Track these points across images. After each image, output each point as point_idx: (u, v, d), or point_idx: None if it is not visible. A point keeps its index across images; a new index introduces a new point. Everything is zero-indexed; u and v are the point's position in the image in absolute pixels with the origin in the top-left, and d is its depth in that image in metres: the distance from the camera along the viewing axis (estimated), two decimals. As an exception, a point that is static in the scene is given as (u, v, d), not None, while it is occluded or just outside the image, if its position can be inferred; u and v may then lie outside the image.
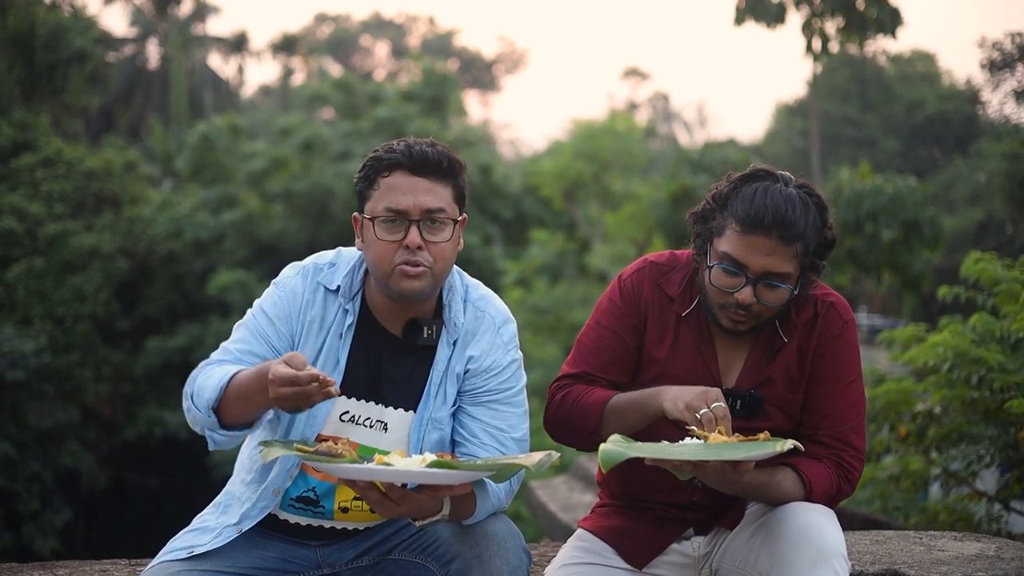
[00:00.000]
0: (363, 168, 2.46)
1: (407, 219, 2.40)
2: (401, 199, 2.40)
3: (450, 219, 2.43)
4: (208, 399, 2.33)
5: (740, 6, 15.21)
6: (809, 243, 2.46)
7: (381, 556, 2.54)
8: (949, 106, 31.94)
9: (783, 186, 2.46)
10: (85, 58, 20.11)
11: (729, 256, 2.46)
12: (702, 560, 2.63)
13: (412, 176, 2.41)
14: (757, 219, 2.42)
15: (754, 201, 2.44)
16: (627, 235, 20.62)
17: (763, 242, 2.43)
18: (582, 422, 2.55)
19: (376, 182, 2.43)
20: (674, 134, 48.05)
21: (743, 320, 2.50)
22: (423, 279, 2.42)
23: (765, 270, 2.44)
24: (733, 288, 2.47)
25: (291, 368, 2.17)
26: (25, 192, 18.22)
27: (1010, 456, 4.82)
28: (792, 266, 2.46)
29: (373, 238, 2.43)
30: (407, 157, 2.41)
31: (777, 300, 2.48)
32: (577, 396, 2.57)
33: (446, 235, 2.43)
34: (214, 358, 2.47)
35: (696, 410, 2.33)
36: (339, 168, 20.44)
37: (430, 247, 2.41)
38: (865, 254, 13.79)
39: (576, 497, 6.80)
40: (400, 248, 2.40)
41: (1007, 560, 3.02)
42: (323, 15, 51.73)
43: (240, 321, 2.53)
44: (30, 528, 16.12)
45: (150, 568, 2.42)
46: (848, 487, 2.52)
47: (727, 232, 2.47)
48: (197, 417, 2.38)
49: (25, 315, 17.38)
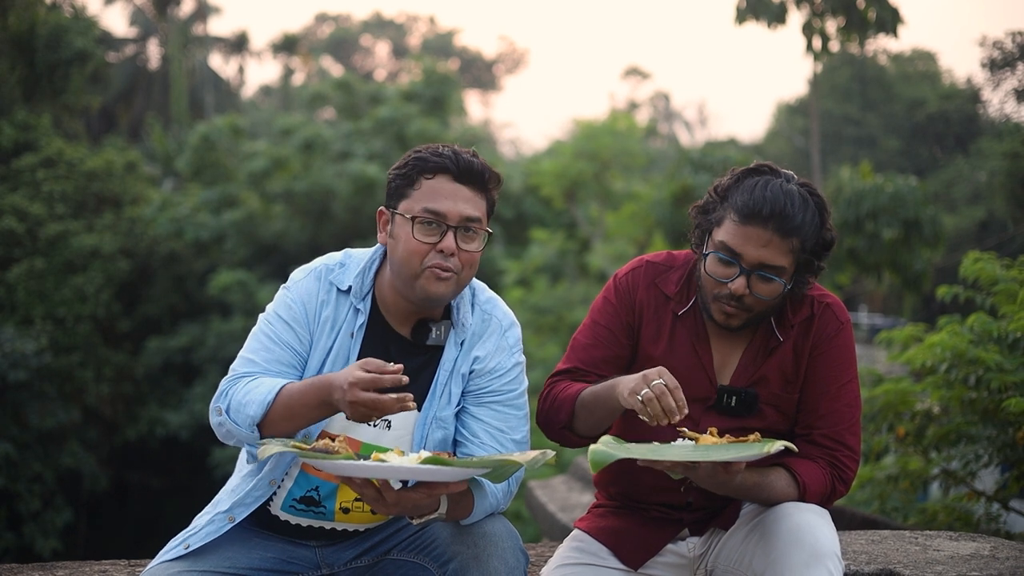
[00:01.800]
0: (405, 165, 2.48)
1: (445, 223, 2.43)
2: (443, 203, 2.43)
3: (483, 230, 2.47)
4: (252, 415, 2.34)
5: (741, 6, 15.18)
6: (806, 240, 2.47)
7: (380, 556, 2.55)
8: (950, 105, 31.91)
9: (784, 182, 2.49)
10: (86, 58, 20.09)
11: (725, 245, 2.48)
12: (697, 560, 2.64)
13: (455, 183, 2.45)
14: (755, 210, 2.44)
15: (754, 193, 2.47)
16: (628, 235, 20.61)
17: (759, 233, 2.45)
18: (556, 416, 2.58)
19: (418, 182, 2.46)
20: (675, 133, 48.02)
21: (735, 313, 2.51)
22: (450, 284, 2.45)
23: (759, 261, 2.46)
24: (727, 278, 2.49)
25: (371, 371, 2.20)
26: (26, 192, 18.22)
27: (1008, 456, 4.82)
28: (787, 260, 2.47)
29: (408, 236, 2.45)
30: (454, 163, 2.44)
31: (769, 293, 2.49)
32: (557, 392, 2.59)
33: (477, 245, 2.47)
34: (240, 371, 2.46)
35: (637, 392, 2.32)
36: (340, 168, 20.42)
37: (461, 254, 2.45)
38: (866, 253, 13.78)
39: (575, 497, 6.80)
40: (433, 251, 2.43)
41: (1002, 560, 3.03)
42: (324, 15, 51.75)
43: (254, 329, 2.52)
44: (31, 528, 16.13)
45: (149, 569, 2.43)
46: (842, 487, 2.54)
47: (725, 222, 2.50)
48: (234, 431, 2.38)
49: (26, 316, 17.38)
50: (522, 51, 70.21)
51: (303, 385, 2.33)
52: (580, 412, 2.54)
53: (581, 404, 2.54)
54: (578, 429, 2.56)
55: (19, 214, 17.86)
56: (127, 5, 33.14)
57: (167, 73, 30.72)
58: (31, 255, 17.75)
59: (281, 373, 2.45)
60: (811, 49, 15.37)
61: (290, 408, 2.32)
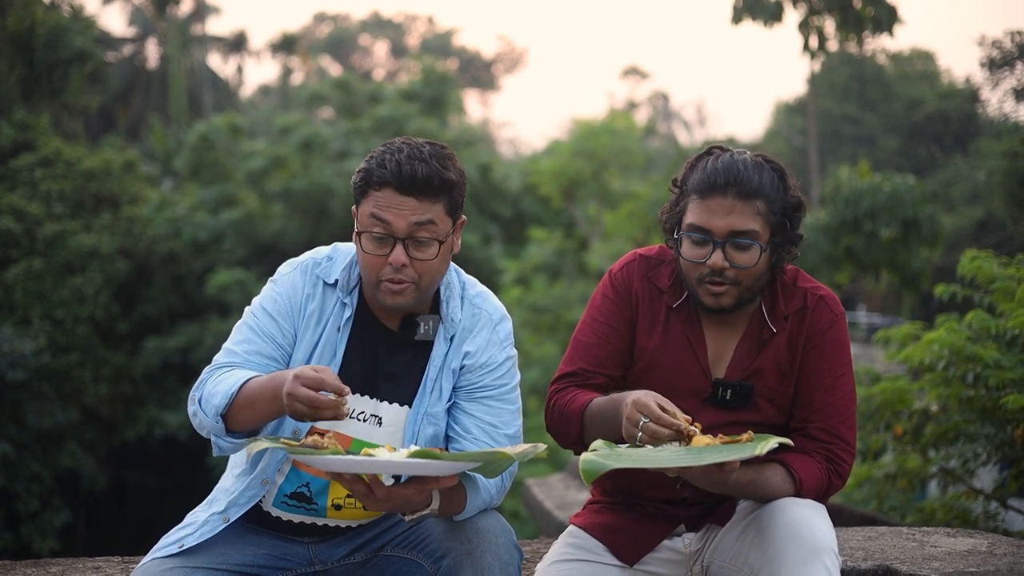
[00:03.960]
0: (359, 172, 2.45)
1: (392, 236, 2.40)
2: (387, 216, 2.39)
3: (437, 239, 2.42)
4: (217, 405, 2.33)
5: (737, 5, 15.19)
6: (772, 203, 2.49)
7: (373, 553, 2.54)
8: (948, 104, 31.92)
9: (736, 154, 2.52)
10: (85, 58, 20.08)
11: (693, 224, 2.49)
12: (693, 556, 2.63)
13: (400, 195, 2.39)
14: (711, 182, 2.48)
15: (707, 168, 2.51)
16: (626, 234, 20.60)
17: (720, 202, 2.47)
18: (567, 428, 2.57)
19: (367, 193, 2.42)
20: (673, 133, 48.04)
21: (723, 291, 2.50)
22: (407, 294, 2.43)
23: (729, 229, 2.47)
24: (703, 257, 2.49)
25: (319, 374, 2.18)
26: (24, 192, 18.19)
27: (1007, 454, 4.81)
28: (756, 223, 2.48)
29: (360, 248, 2.44)
30: (396, 176, 2.38)
31: (749, 261, 2.49)
32: (564, 403, 2.58)
33: (432, 252, 2.42)
34: (220, 361, 2.46)
35: (635, 423, 2.32)
36: (338, 167, 20.42)
37: (415, 264, 2.41)
38: (864, 252, 13.76)
39: (572, 495, 6.80)
40: (386, 263, 2.41)
41: (999, 556, 3.01)
42: (322, 14, 51.77)
43: (240, 322, 2.52)
44: (29, 528, 16.12)
45: (142, 565, 2.42)
46: (839, 481, 2.53)
47: (689, 206, 2.52)
48: (204, 422, 2.37)
49: (24, 316, 17.36)
50: (521, 51, 70.24)
51: (264, 379, 2.31)
52: (589, 427, 2.53)
53: (589, 420, 2.52)
54: (587, 440, 2.53)
55: (17, 214, 17.84)
56: (126, 5, 33.18)
57: (166, 73, 30.72)
58: (29, 255, 17.72)
59: (262, 365, 2.45)
60: (808, 48, 15.37)
61: (250, 400, 2.30)
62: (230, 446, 2.39)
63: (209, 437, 2.41)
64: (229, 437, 2.36)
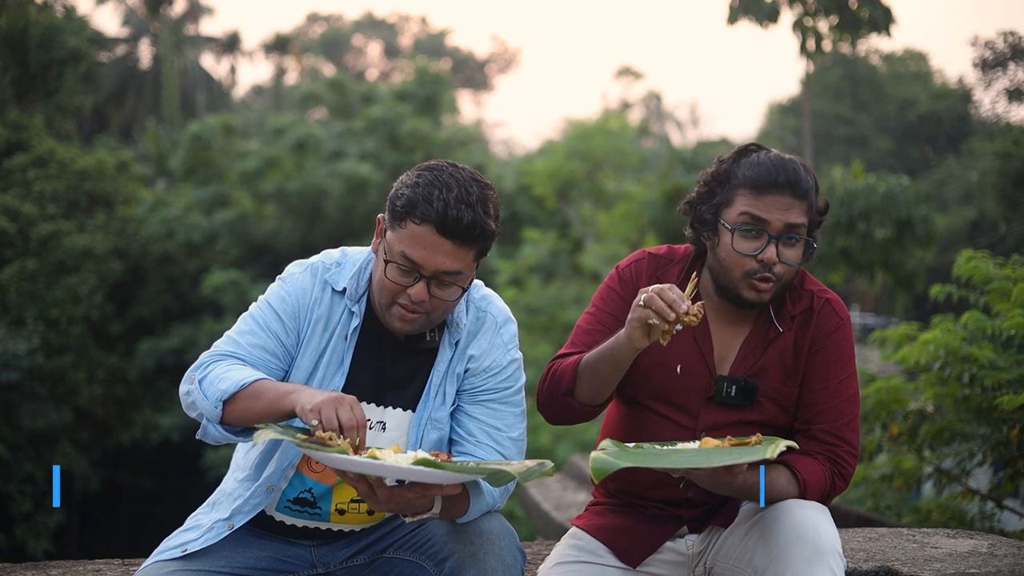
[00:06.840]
0: (400, 197, 2.39)
1: (419, 272, 2.39)
2: (420, 253, 2.36)
3: (459, 285, 2.41)
4: (223, 389, 2.32)
5: (733, 5, 15.19)
6: (813, 204, 2.55)
7: (376, 555, 2.54)
8: (941, 105, 32.01)
9: (780, 153, 2.57)
10: (79, 58, 20.03)
11: (751, 215, 2.50)
12: (696, 558, 2.63)
13: (439, 236, 2.36)
14: (770, 179, 2.50)
15: (762, 165, 2.53)
16: (620, 234, 20.61)
17: (779, 199, 2.50)
18: (558, 385, 2.57)
19: (405, 221, 2.38)
20: (667, 133, 48.03)
21: (768, 287, 2.53)
22: (416, 323, 2.44)
23: (785, 223, 2.50)
24: (756, 251, 2.51)
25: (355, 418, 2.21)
26: (17, 192, 18.16)
27: (1003, 454, 4.83)
28: (805, 220, 2.53)
29: (381, 273, 2.42)
30: (440, 219, 2.34)
31: (796, 257, 2.53)
32: (556, 366, 2.59)
33: (452, 293, 2.42)
34: (223, 349, 2.45)
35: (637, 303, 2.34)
36: (332, 168, 20.40)
37: (433, 300, 2.41)
38: (858, 253, 13.80)
39: (569, 496, 6.80)
40: (404, 292, 2.40)
41: (1000, 557, 3.02)
42: (315, 15, 51.65)
43: (245, 313, 2.52)
44: (23, 529, 16.07)
45: (143, 568, 2.42)
46: (842, 482, 2.54)
47: (738, 200, 2.53)
48: (199, 402, 2.36)
49: (18, 316, 17.32)
50: (514, 51, 70.09)
51: (279, 390, 2.31)
52: (583, 374, 2.52)
53: (584, 365, 2.52)
54: (581, 395, 2.54)
55: (10, 214, 17.80)
56: (119, 5, 33.04)
57: (159, 73, 30.65)
58: (23, 255, 17.68)
59: (263, 359, 2.45)
60: (803, 49, 15.38)
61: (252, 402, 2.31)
62: (218, 435, 2.38)
63: (199, 420, 2.40)
64: (220, 426, 2.36)
